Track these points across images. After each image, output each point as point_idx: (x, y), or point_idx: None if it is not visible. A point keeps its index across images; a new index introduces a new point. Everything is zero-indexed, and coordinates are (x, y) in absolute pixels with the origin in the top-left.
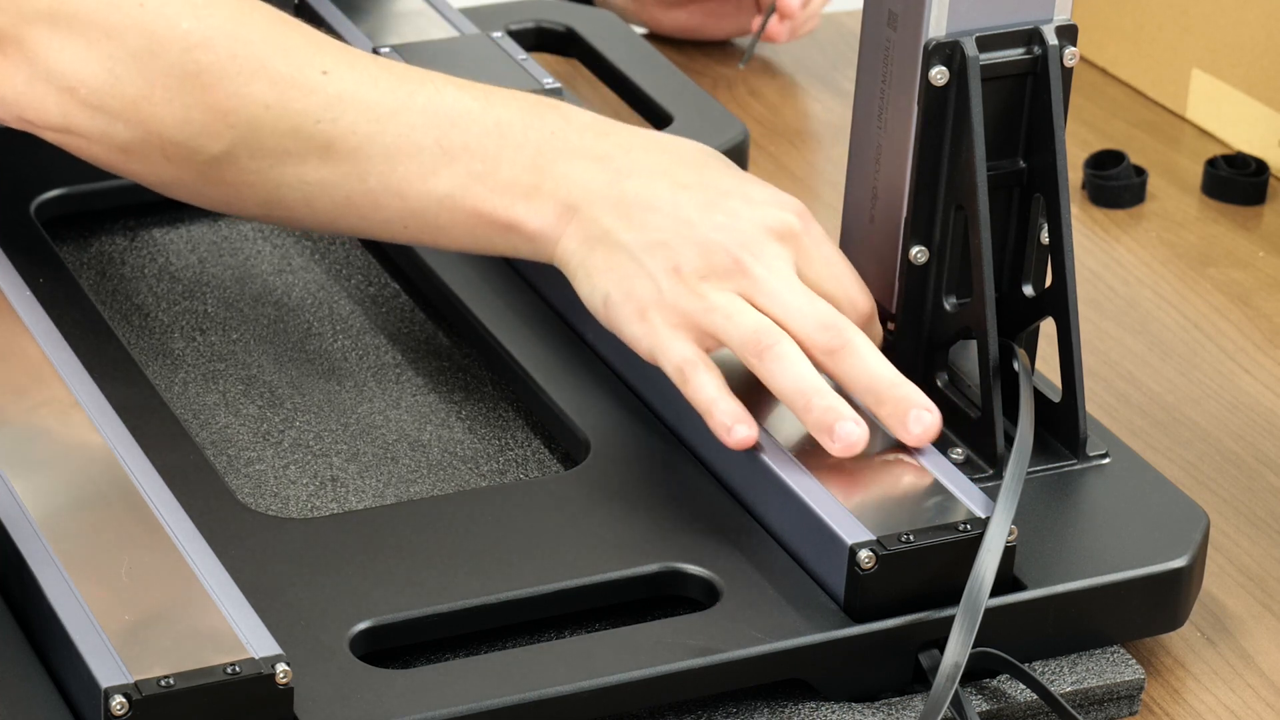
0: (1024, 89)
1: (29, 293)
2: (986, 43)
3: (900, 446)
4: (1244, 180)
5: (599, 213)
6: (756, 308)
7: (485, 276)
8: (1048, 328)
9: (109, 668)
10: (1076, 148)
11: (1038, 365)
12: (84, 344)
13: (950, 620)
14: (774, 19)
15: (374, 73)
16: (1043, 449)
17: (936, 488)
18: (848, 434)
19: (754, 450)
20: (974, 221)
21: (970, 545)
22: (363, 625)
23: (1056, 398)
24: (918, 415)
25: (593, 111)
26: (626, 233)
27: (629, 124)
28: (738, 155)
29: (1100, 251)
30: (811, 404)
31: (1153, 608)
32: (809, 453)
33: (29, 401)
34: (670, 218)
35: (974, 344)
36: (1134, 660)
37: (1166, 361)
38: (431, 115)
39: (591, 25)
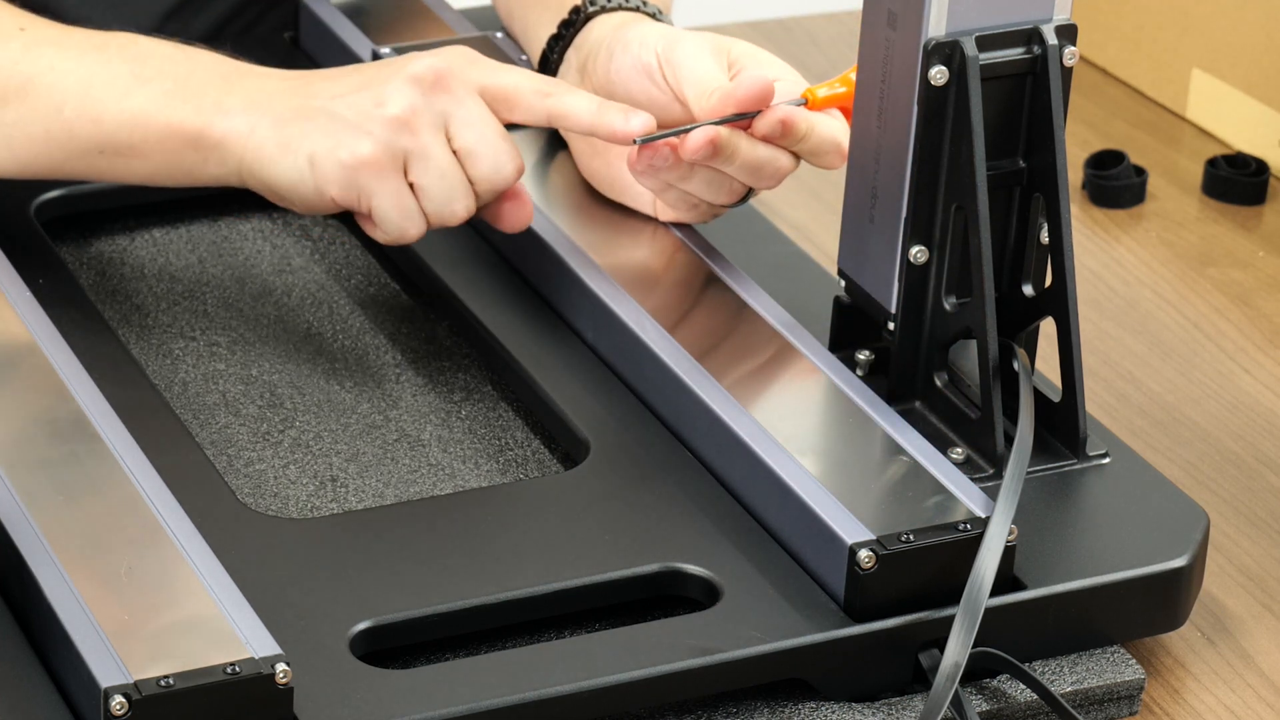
0: (1024, 89)
1: (29, 293)
2: (986, 42)
3: (900, 447)
4: (1244, 180)
5: (285, 101)
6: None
7: (486, 276)
8: (1048, 328)
9: (109, 668)
10: (1076, 148)
11: (1038, 365)
12: (84, 344)
13: (950, 620)
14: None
15: (69, 29)
16: (1043, 449)
17: (936, 487)
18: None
19: (754, 450)
20: (974, 221)
21: (970, 545)
22: (363, 625)
23: (1056, 398)
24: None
25: None
26: (315, 100)
27: None
28: None
29: (1100, 251)
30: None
31: (1153, 608)
32: (809, 452)
33: (28, 402)
34: (356, 78)
35: (974, 344)
36: (1134, 660)
37: (1166, 361)
38: (127, 52)
39: None
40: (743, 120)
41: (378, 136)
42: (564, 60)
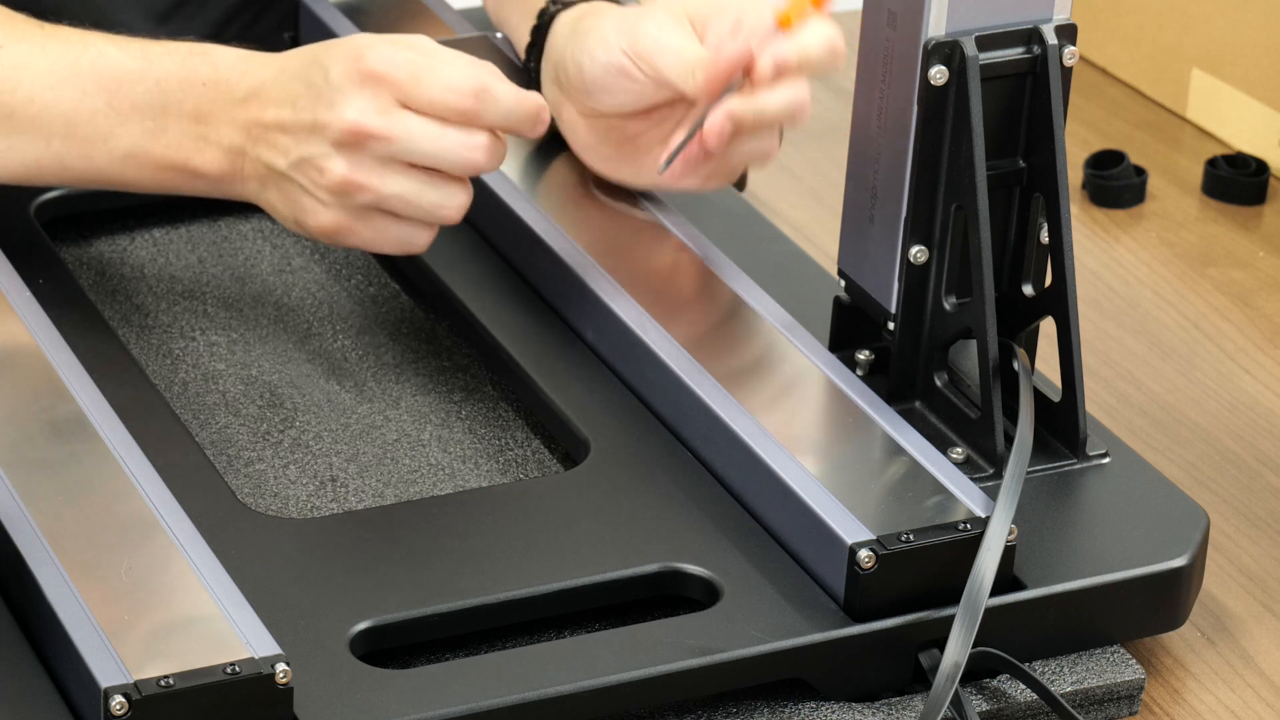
0: (1024, 89)
1: (29, 293)
2: (986, 42)
3: (900, 447)
4: (1244, 180)
5: (259, 151)
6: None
7: (485, 276)
8: (1048, 328)
9: (109, 668)
10: (1076, 148)
11: (1038, 365)
12: (84, 344)
13: (950, 620)
14: (693, 149)
15: (41, 41)
16: (1043, 449)
17: (936, 487)
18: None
19: (754, 450)
20: (974, 221)
21: (970, 545)
22: (363, 625)
23: (1056, 398)
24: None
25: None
26: (280, 160)
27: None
28: None
29: (1100, 251)
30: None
31: (1153, 608)
32: (809, 452)
33: (28, 402)
34: (297, 134)
35: (974, 344)
36: (1134, 660)
37: (1166, 361)
38: (99, 79)
39: None
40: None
41: (331, 204)
42: (541, 70)
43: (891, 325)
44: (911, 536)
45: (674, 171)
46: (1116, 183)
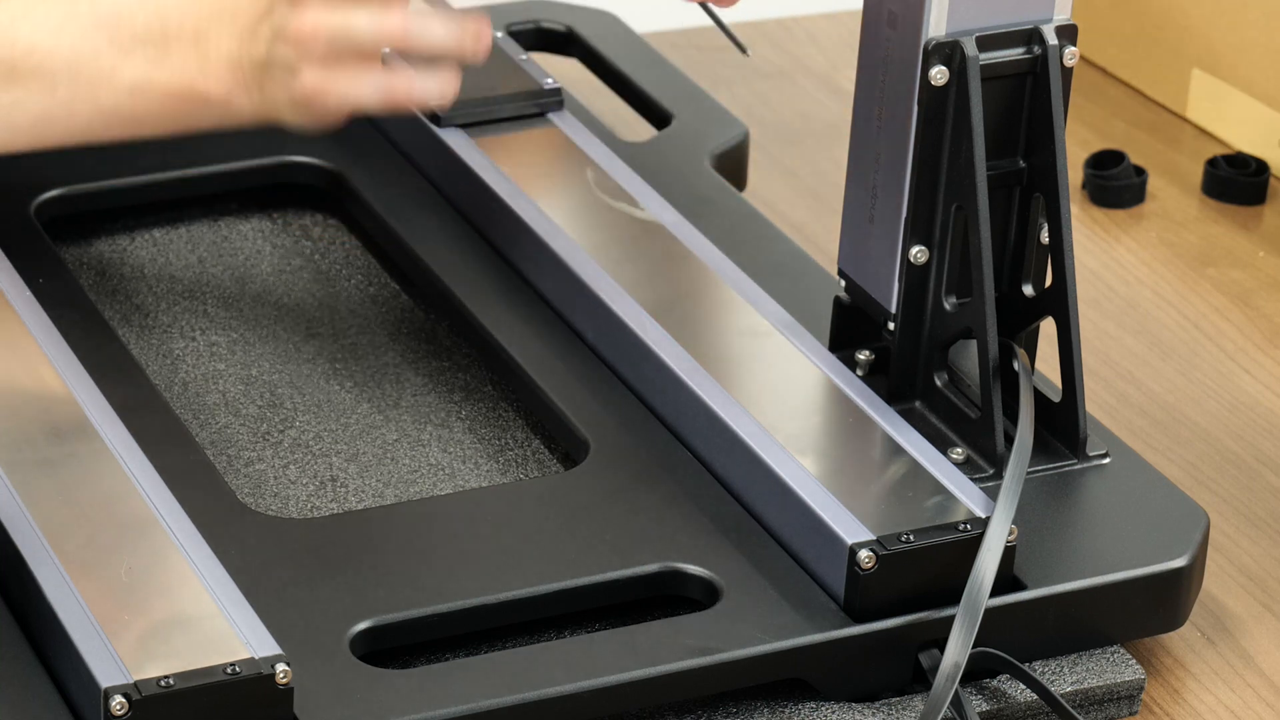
0: (1024, 89)
1: (29, 293)
2: (986, 42)
3: (900, 447)
4: (1244, 180)
5: (248, 50)
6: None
7: (485, 276)
8: (1048, 328)
9: (109, 668)
10: (1076, 148)
11: (1038, 365)
12: (84, 344)
13: (950, 620)
14: None
15: None
16: (1043, 449)
17: (936, 488)
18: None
19: (754, 450)
20: (974, 221)
21: (970, 545)
22: (363, 625)
23: (1056, 398)
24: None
25: (589, 111)
26: (261, 48)
27: None
28: (738, 155)
29: (1100, 251)
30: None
31: (1153, 608)
32: (809, 452)
33: (29, 402)
34: (266, 17)
35: (974, 344)
36: (1134, 660)
37: (1166, 361)
38: (97, 18)
39: (591, 25)
40: None
41: (302, 65)
42: None
43: (891, 325)
44: (911, 537)
45: None
46: (1116, 183)
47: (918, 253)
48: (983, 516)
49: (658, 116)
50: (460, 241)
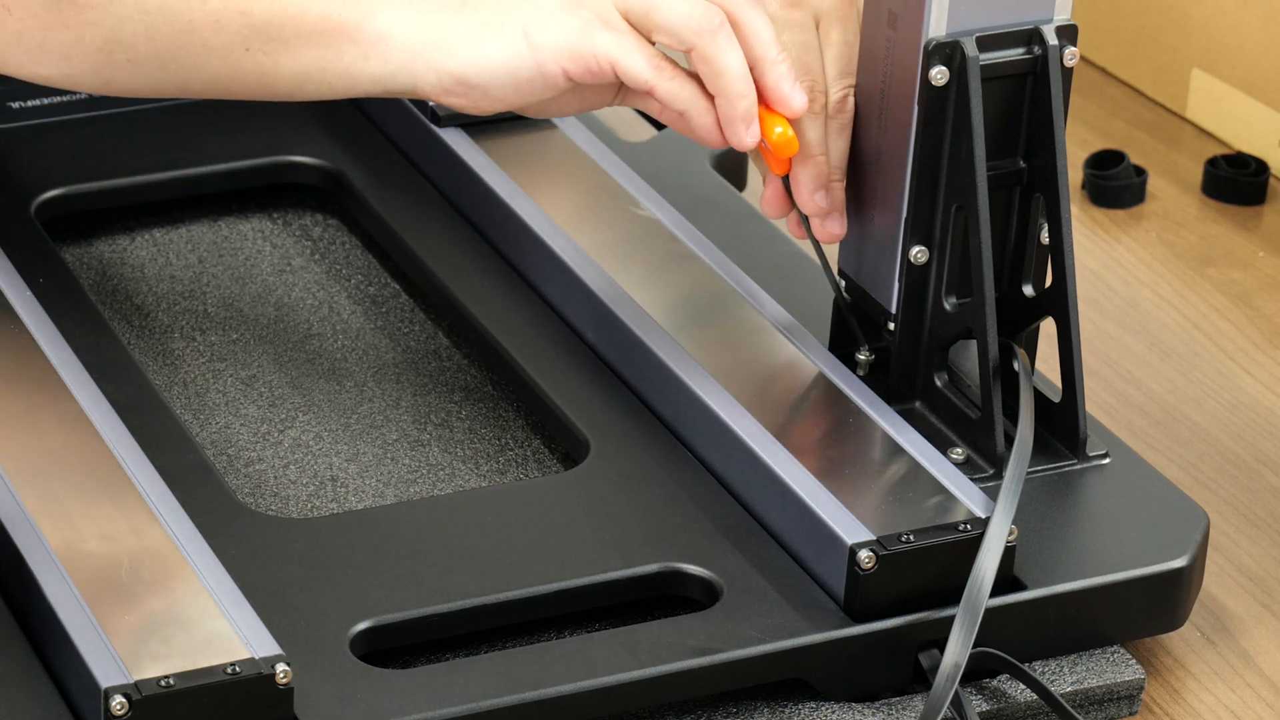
0: (1024, 89)
1: (29, 293)
2: (986, 43)
3: (900, 447)
4: (1244, 180)
5: None
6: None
7: (485, 276)
8: (1048, 328)
9: (109, 668)
10: (1076, 148)
11: (1038, 365)
12: (84, 344)
13: (950, 620)
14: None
15: None
16: (1043, 449)
17: (936, 488)
18: (757, 130)
19: (754, 450)
20: (974, 221)
21: (970, 545)
22: (363, 625)
23: (1056, 398)
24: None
25: (591, 112)
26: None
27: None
28: (737, 155)
29: (1100, 251)
30: (749, 91)
31: (1153, 608)
32: (809, 453)
33: (29, 401)
34: None
35: (974, 344)
36: (1134, 660)
37: (1166, 361)
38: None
39: None
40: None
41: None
42: None
43: (891, 325)
44: (912, 537)
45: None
46: (1116, 183)
47: (918, 253)
48: (983, 516)
49: None
50: (460, 241)
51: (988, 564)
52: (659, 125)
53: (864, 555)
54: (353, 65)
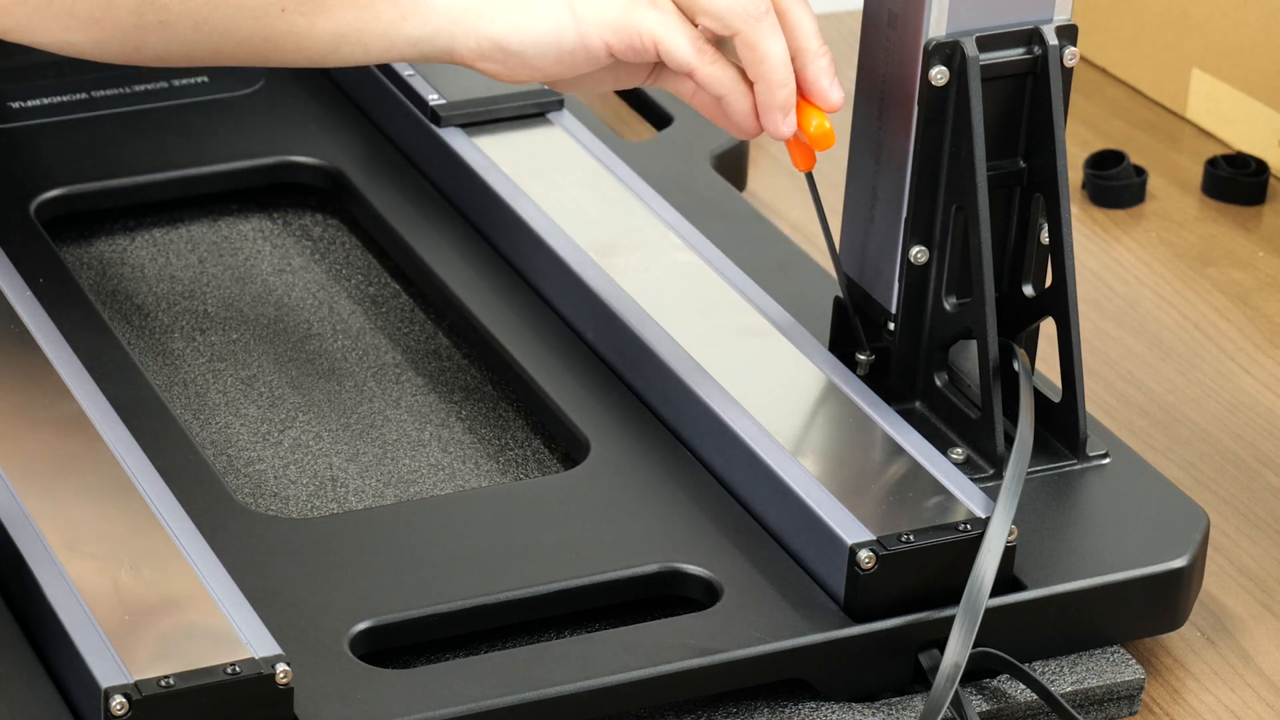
0: (1024, 89)
1: (29, 293)
2: (986, 43)
3: (900, 447)
4: (1244, 180)
5: None
6: None
7: (485, 276)
8: (1048, 328)
9: (109, 668)
10: (1076, 148)
11: (1038, 365)
12: (84, 344)
13: (950, 620)
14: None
15: None
16: (1043, 449)
17: (936, 488)
18: (794, 120)
19: (754, 450)
20: (974, 221)
21: (970, 545)
22: (363, 625)
23: (1056, 398)
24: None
25: (589, 111)
26: None
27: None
28: (738, 155)
29: (1100, 251)
30: (789, 80)
31: (1153, 608)
32: (809, 452)
33: (29, 402)
34: None
35: (974, 344)
36: (1134, 660)
37: (1166, 361)
38: None
39: None
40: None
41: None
42: None
43: (891, 325)
44: (912, 537)
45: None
46: (1116, 183)
47: (918, 253)
48: (983, 516)
49: (658, 116)
50: (460, 241)
51: (988, 564)
52: (659, 125)
53: (864, 555)
54: (390, 27)
